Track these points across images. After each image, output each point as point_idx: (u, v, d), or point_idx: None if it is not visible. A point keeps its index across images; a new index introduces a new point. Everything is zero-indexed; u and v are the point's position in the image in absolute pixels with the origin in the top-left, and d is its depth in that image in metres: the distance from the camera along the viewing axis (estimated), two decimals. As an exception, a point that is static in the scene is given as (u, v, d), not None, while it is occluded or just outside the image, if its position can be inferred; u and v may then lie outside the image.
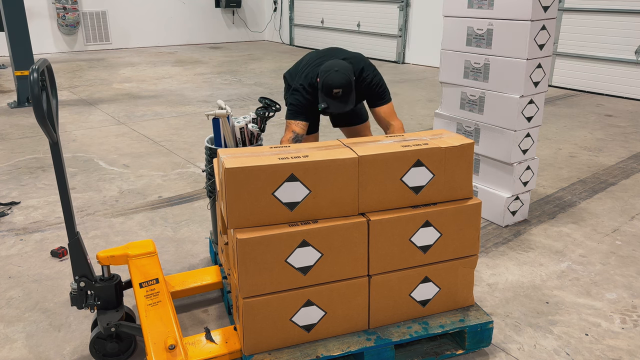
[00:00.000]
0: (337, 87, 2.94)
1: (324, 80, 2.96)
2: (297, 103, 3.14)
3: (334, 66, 3.00)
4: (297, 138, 3.13)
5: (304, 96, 3.13)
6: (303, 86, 3.14)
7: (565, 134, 5.53)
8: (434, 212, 2.14)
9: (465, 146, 2.16)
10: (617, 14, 7.10)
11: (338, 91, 2.95)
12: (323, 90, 2.98)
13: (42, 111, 1.84)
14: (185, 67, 9.36)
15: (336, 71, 2.96)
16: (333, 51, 3.31)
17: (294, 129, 3.13)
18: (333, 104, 2.99)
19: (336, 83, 2.94)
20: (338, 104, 3.00)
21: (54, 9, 10.55)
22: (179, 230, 3.41)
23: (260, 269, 1.96)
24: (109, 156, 4.78)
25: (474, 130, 3.49)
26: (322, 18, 11.57)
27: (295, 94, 3.16)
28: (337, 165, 2.00)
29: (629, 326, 2.50)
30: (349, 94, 2.98)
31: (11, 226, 3.46)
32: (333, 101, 2.98)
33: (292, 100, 3.17)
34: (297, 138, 3.14)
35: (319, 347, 2.08)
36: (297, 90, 3.15)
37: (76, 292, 2.16)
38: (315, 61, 3.23)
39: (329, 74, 2.96)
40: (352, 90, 2.99)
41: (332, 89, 2.94)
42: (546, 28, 3.17)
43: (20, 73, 6.35)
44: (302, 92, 3.13)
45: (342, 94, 2.96)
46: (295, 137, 3.13)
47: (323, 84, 2.96)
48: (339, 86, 2.94)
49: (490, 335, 2.26)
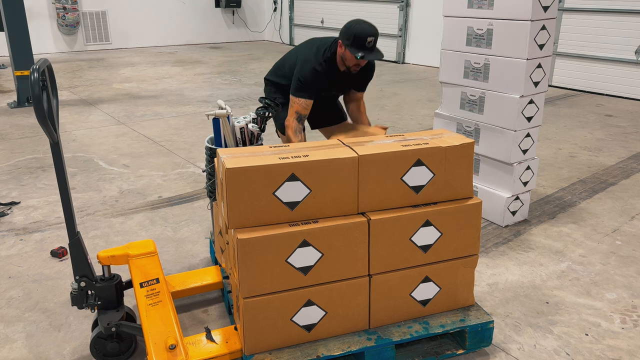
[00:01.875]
0: (371, 35, 2.92)
1: (358, 30, 2.92)
2: (313, 78, 3.10)
3: (360, 20, 3.00)
4: (300, 118, 3.14)
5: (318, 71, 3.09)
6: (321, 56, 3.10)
7: (565, 134, 5.53)
8: (434, 211, 2.14)
9: (466, 146, 2.16)
10: (617, 14, 7.10)
11: (372, 40, 2.92)
12: (358, 40, 2.91)
13: (43, 111, 1.84)
14: (185, 67, 9.36)
15: (364, 22, 2.97)
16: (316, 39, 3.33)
17: (297, 110, 3.13)
18: (367, 53, 2.94)
19: (369, 31, 2.92)
20: (371, 53, 2.96)
21: (54, 9, 10.55)
22: (179, 230, 3.41)
23: (261, 269, 1.96)
24: (109, 156, 4.78)
25: (474, 130, 3.49)
26: (322, 18, 11.57)
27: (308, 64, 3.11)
28: (338, 164, 2.00)
29: (629, 326, 2.50)
30: (376, 44, 2.97)
31: (11, 226, 3.46)
32: (366, 51, 2.94)
33: (306, 74, 3.11)
34: (301, 118, 3.14)
35: (320, 347, 2.08)
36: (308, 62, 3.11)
37: (77, 292, 2.16)
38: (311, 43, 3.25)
39: (358, 24, 2.95)
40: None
41: (367, 37, 2.90)
42: (546, 28, 3.18)
43: (20, 73, 6.35)
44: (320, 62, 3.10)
45: (373, 42, 2.94)
46: (298, 117, 3.14)
47: (357, 34, 2.91)
48: (372, 34, 2.92)
49: (490, 335, 2.26)
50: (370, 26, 2.96)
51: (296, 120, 3.14)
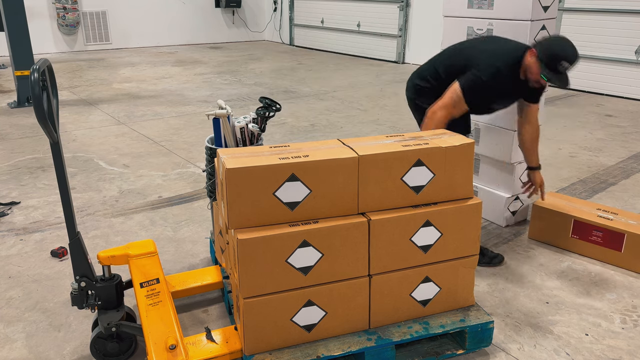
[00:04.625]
0: (570, 61, 2.54)
1: (557, 50, 2.57)
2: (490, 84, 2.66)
3: (565, 38, 2.62)
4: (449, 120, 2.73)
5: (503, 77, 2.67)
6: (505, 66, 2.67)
7: (565, 134, 5.53)
8: (434, 211, 2.14)
9: (466, 146, 2.16)
10: (617, 14, 7.10)
11: (567, 65, 2.55)
12: (552, 59, 2.55)
13: (43, 111, 1.84)
14: (185, 67, 9.36)
15: (570, 44, 2.58)
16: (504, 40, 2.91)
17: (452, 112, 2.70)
18: (555, 77, 2.56)
19: (570, 56, 2.54)
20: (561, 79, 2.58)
21: (54, 9, 10.55)
22: (179, 230, 3.41)
23: (261, 269, 1.96)
24: (109, 156, 4.78)
25: (474, 130, 3.49)
26: (322, 18, 11.57)
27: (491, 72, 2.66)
28: (338, 164, 2.00)
29: (629, 326, 2.50)
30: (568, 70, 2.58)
31: (11, 226, 3.45)
32: (556, 75, 2.56)
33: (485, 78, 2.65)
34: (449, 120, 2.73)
35: (320, 347, 2.08)
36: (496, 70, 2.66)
37: (77, 292, 2.17)
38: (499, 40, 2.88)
39: (563, 43, 2.59)
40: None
41: (565, 59, 2.54)
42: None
43: (20, 73, 6.34)
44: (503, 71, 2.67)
45: (566, 68, 2.56)
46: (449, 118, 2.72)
47: (552, 54, 2.55)
48: (572, 60, 2.54)
49: (490, 335, 2.26)
50: (574, 52, 2.57)
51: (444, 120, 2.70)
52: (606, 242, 3.01)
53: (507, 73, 2.69)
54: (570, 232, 3.14)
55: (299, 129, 5.65)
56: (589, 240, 3.07)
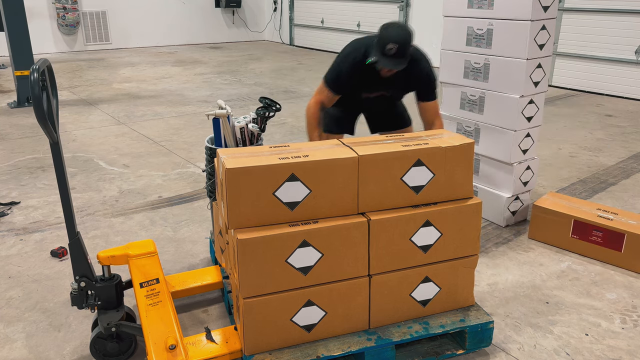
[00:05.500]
0: (393, 42, 2.68)
1: (382, 33, 2.74)
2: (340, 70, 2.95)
3: (395, 23, 2.81)
4: (322, 107, 3.04)
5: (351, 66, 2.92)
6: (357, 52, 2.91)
7: (565, 134, 5.53)
8: (434, 211, 2.14)
9: (466, 146, 2.16)
10: (617, 14, 7.10)
11: (392, 47, 2.68)
12: (379, 43, 2.72)
13: (43, 111, 1.84)
14: (185, 67, 9.36)
15: (397, 27, 2.77)
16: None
17: (322, 99, 3.03)
18: (384, 60, 2.73)
19: (393, 37, 2.69)
20: (390, 60, 2.73)
21: (54, 9, 10.55)
22: (179, 230, 3.41)
23: (261, 269, 1.96)
24: (109, 156, 4.78)
25: (474, 130, 3.49)
26: (322, 18, 11.57)
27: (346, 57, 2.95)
28: (338, 164, 2.00)
29: (629, 326, 2.50)
30: (403, 53, 2.72)
31: (11, 226, 3.45)
32: (384, 58, 2.72)
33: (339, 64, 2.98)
34: (323, 107, 3.04)
35: (320, 347, 2.08)
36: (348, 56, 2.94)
37: (77, 292, 2.16)
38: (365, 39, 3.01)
39: (388, 27, 2.76)
40: (406, 52, 2.73)
41: (388, 42, 2.69)
42: (546, 28, 3.17)
43: (20, 73, 6.35)
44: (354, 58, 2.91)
45: (396, 51, 2.69)
46: (321, 106, 3.04)
47: (380, 37, 2.73)
48: (396, 41, 2.68)
49: (490, 335, 2.26)
50: (402, 32, 2.73)
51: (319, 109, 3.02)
52: (606, 242, 3.01)
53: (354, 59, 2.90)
54: (570, 232, 3.14)
55: (299, 129, 5.65)
56: (589, 240, 3.07)
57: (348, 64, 2.94)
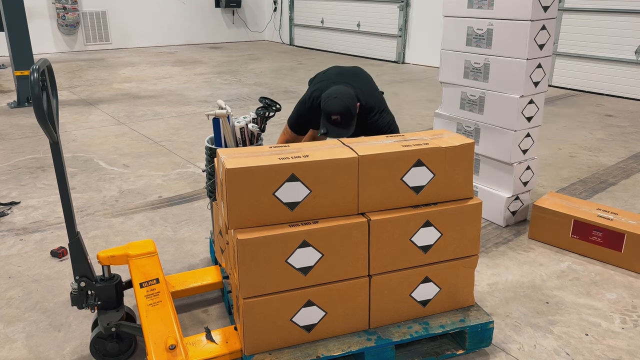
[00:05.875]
0: (335, 114, 3.00)
1: (324, 106, 3.04)
2: (299, 114, 3.31)
3: (334, 92, 3.05)
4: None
5: (308, 111, 3.25)
6: (311, 100, 3.23)
7: (565, 134, 5.53)
8: (434, 212, 2.14)
9: (466, 146, 2.16)
10: (617, 14, 7.10)
11: (337, 117, 3.00)
12: (324, 115, 3.04)
13: (43, 111, 1.84)
14: (185, 67, 9.36)
15: (335, 98, 3.02)
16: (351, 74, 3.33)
17: (287, 138, 3.43)
18: (332, 129, 3.04)
19: (334, 109, 2.99)
20: (337, 130, 3.04)
21: (54, 9, 10.55)
22: (179, 230, 3.41)
23: (261, 270, 1.96)
24: (109, 156, 4.78)
25: (474, 130, 3.49)
26: (322, 18, 11.57)
27: (303, 104, 3.29)
28: (338, 164, 2.00)
29: (629, 326, 2.50)
30: (348, 120, 3.03)
31: (11, 226, 3.45)
32: (332, 126, 3.04)
33: (298, 109, 3.33)
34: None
35: (320, 347, 2.08)
36: (305, 102, 3.27)
37: (77, 292, 2.16)
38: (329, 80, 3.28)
39: (328, 100, 3.03)
40: (351, 117, 3.03)
41: (331, 115, 3.00)
42: (546, 28, 3.17)
43: (20, 73, 6.34)
44: (308, 106, 3.24)
45: (340, 120, 3.01)
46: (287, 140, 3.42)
47: (323, 110, 3.04)
48: (337, 113, 2.99)
49: (490, 335, 2.26)
50: (340, 103, 2.98)
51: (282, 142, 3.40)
52: (606, 242, 3.01)
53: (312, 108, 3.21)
54: (570, 232, 3.14)
55: (299, 129, 5.65)
56: (589, 240, 3.07)
57: (305, 109, 3.26)
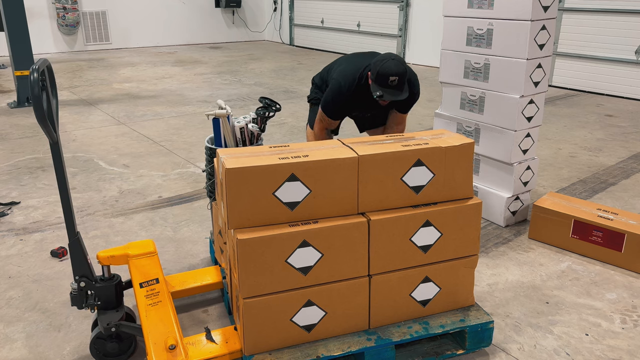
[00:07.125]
0: (394, 75, 2.89)
1: (380, 69, 2.92)
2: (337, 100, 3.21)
3: (390, 55, 2.98)
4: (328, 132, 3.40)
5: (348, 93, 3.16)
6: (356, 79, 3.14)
7: (565, 134, 5.53)
8: (434, 211, 2.14)
9: (466, 146, 2.16)
10: (617, 14, 7.10)
11: (394, 79, 2.90)
12: (378, 79, 2.93)
13: (42, 111, 1.84)
14: (185, 67, 9.36)
15: (392, 59, 2.94)
16: (369, 53, 3.32)
17: (325, 126, 3.37)
18: (388, 91, 2.94)
19: (394, 70, 2.90)
20: (394, 92, 2.95)
21: (54, 9, 10.55)
22: (179, 230, 3.41)
23: (261, 269, 1.96)
24: (109, 156, 4.78)
25: (474, 130, 3.49)
26: (322, 18, 11.57)
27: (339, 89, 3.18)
28: (338, 164, 2.00)
29: (629, 326, 2.50)
30: (403, 83, 2.95)
31: (11, 226, 3.45)
32: (388, 89, 2.94)
33: (334, 96, 3.21)
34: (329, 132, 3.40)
35: (320, 347, 2.08)
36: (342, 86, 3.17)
37: (76, 292, 2.16)
38: (353, 58, 3.28)
39: (385, 62, 2.94)
40: (405, 80, 2.96)
41: (390, 76, 2.89)
42: (546, 28, 3.17)
43: (20, 73, 6.34)
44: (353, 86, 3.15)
45: (397, 82, 2.91)
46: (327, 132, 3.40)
47: (378, 72, 2.92)
48: (396, 74, 2.90)
49: (490, 335, 2.26)
50: (399, 65, 2.92)
51: (325, 132, 3.37)
52: (606, 242, 3.01)
53: (348, 90, 3.16)
54: (570, 232, 3.14)
55: (299, 129, 5.65)
56: (589, 240, 3.07)
57: (343, 95, 3.18)
